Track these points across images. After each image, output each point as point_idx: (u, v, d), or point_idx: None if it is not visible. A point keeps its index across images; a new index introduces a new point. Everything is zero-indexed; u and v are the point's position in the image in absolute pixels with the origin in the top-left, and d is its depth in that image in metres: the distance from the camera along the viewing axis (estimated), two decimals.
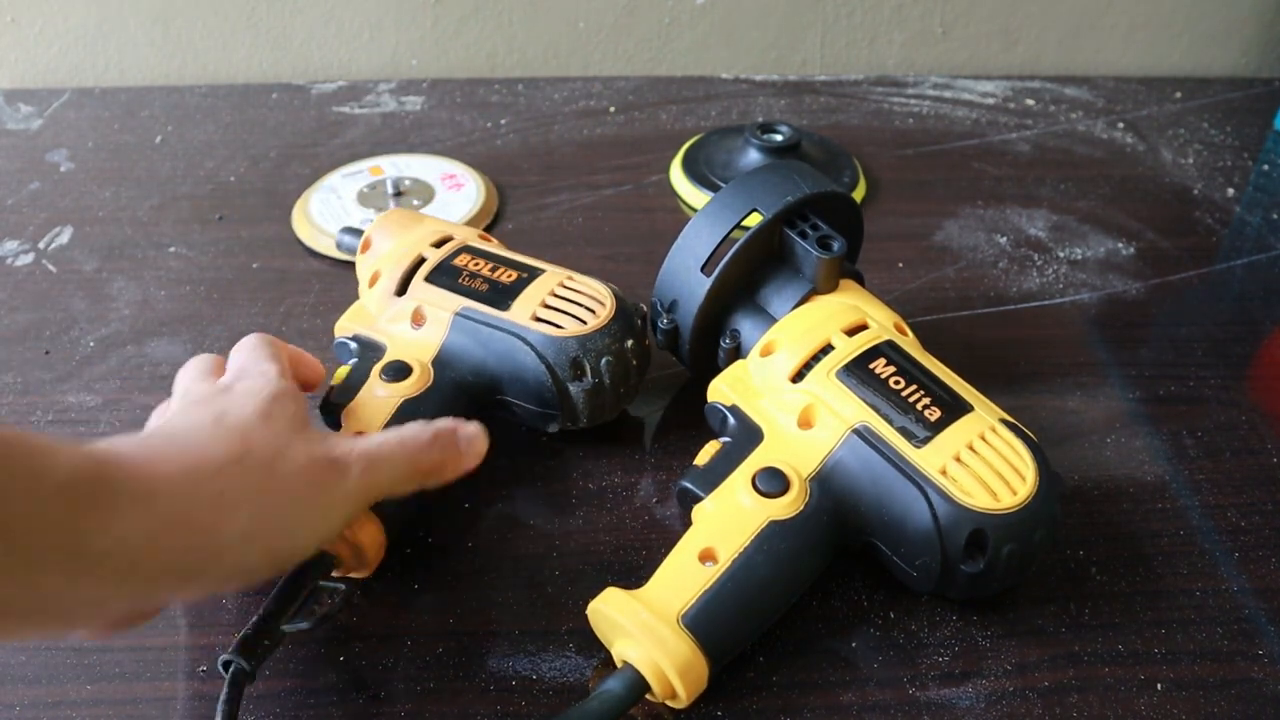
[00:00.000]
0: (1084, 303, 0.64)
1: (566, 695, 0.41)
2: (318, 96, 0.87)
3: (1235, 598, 0.45)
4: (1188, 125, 0.86)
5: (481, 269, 0.51)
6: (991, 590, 0.42)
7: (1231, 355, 0.60)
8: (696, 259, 0.49)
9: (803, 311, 0.48)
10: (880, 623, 0.44)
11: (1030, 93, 0.91)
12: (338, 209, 0.70)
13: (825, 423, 0.44)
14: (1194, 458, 0.53)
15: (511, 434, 0.52)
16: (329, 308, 0.62)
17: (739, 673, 0.41)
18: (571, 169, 0.78)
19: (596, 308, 0.49)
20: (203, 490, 0.34)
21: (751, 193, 0.49)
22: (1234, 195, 0.77)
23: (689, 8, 0.92)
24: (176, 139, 0.81)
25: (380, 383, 0.47)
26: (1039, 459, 0.42)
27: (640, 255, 0.67)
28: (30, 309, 0.62)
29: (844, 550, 0.44)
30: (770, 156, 0.72)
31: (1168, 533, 0.48)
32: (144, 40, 0.90)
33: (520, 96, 0.88)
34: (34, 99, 0.86)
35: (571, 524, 0.48)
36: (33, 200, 0.72)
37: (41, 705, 0.40)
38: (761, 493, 0.42)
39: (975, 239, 0.70)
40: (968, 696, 0.41)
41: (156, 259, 0.66)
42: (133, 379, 0.56)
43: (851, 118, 0.86)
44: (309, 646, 0.42)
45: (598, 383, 0.48)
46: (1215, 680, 0.42)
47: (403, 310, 0.50)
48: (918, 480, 0.41)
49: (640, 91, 0.90)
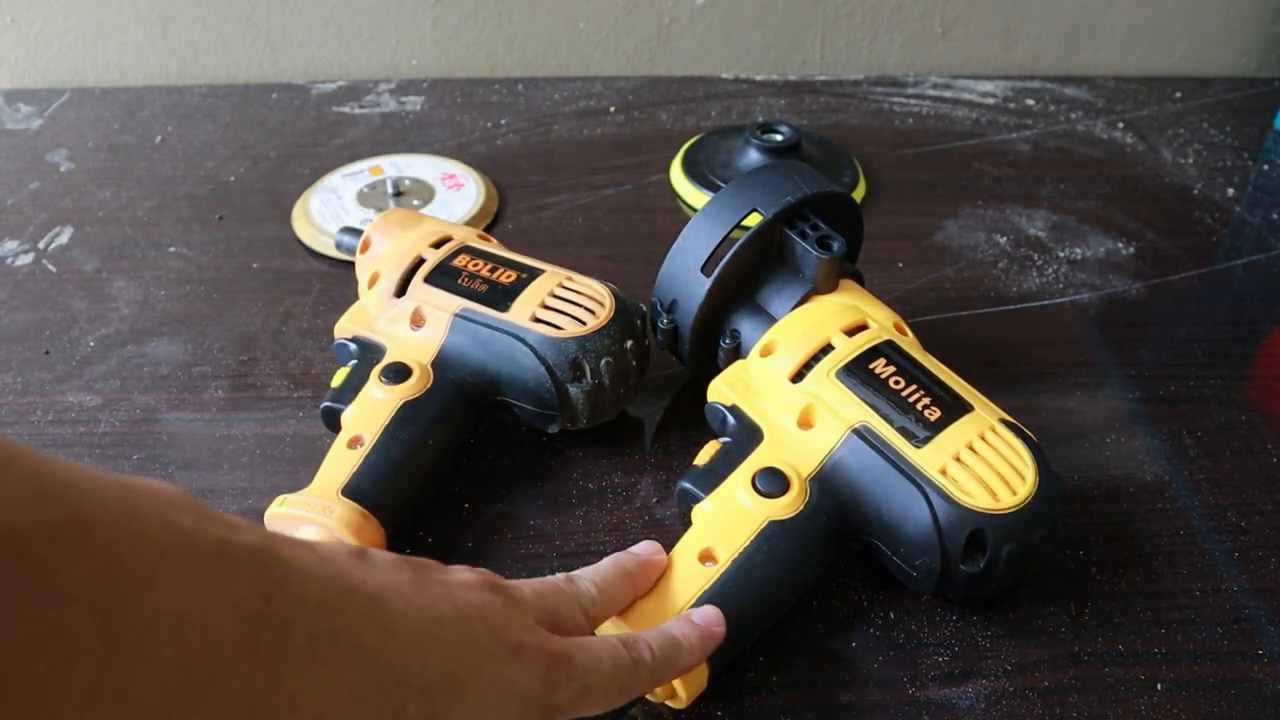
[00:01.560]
0: (1084, 303, 0.64)
1: None
2: (318, 96, 0.87)
3: (1235, 598, 0.45)
4: (1188, 125, 0.86)
5: (481, 270, 0.51)
6: (991, 590, 0.42)
7: (1231, 355, 0.60)
8: (696, 259, 0.49)
9: (803, 311, 0.48)
10: (880, 623, 0.44)
11: (1030, 93, 0.91)
12: (338, 209, 0.70)
13: (825, 423, 0.44)
14: (1194, 458, 0.53)
15: (511, 434, 0.52)
16: (329, 308, 0.62)
17: (739, 673, 0.41)
18: (571, 169, 0.78)
19: (596, 308, 0.49)
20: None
21: (751, 193, 0.49)
22: (1234, 195, 0.77)
23: (689, 8, 0.92)
24: (176, 139, 0.81)
25: (380, 385, 0.47)
26: (1039, 459, 0.42)
27: (640, 255, 0.67)
28: (30, 309, 0.62)
29: (844, 550, 0.44)
30: (770, 156, 0.72)
31: (1168, 533, 0.48)
32: (144, 40, 0.90)
33: (520, 96, 0.88)
34: (34, 99, 0.86)
35: (571, 524, 0.48)
36: (33, 200, 0.72)
37: None
38: (761, 493, 0.42)
39: (975, 239, 0.70)
40: (968, 696, 0.41)
41: (156, 259, 0.66)
42: (133, 379, 0.56)
43: (851, 118, 0.86)
44: None
45: (597, 384, 0.48)
46: (1215, 680, 0.42)
47: (402, 311, 0.50)
48: (918, 480, 0.41)
49: (640, 91, 0.90)
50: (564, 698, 0.32)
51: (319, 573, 0.27)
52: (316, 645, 0.26)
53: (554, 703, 0.32)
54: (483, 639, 0.31)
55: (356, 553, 0.31)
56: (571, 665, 0.33)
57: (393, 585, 0.30)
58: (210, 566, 0.23)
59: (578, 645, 0.34)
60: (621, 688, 0.34)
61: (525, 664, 0.31)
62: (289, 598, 0.25)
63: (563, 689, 0.32)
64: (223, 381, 0.56)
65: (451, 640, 0.30)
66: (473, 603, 0.32)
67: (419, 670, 0.28)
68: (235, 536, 0.25)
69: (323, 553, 0.29)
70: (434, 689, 0.29)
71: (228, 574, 0.24)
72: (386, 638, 0.28)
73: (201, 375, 0.57)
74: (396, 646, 0.28)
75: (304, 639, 0.25)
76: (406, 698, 0.28)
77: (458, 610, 0.31)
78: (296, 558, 0.27)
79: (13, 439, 0.22)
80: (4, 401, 0.55)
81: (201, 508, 0.25)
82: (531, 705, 0.31)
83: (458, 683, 0.29)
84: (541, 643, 0.32)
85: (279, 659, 0.24)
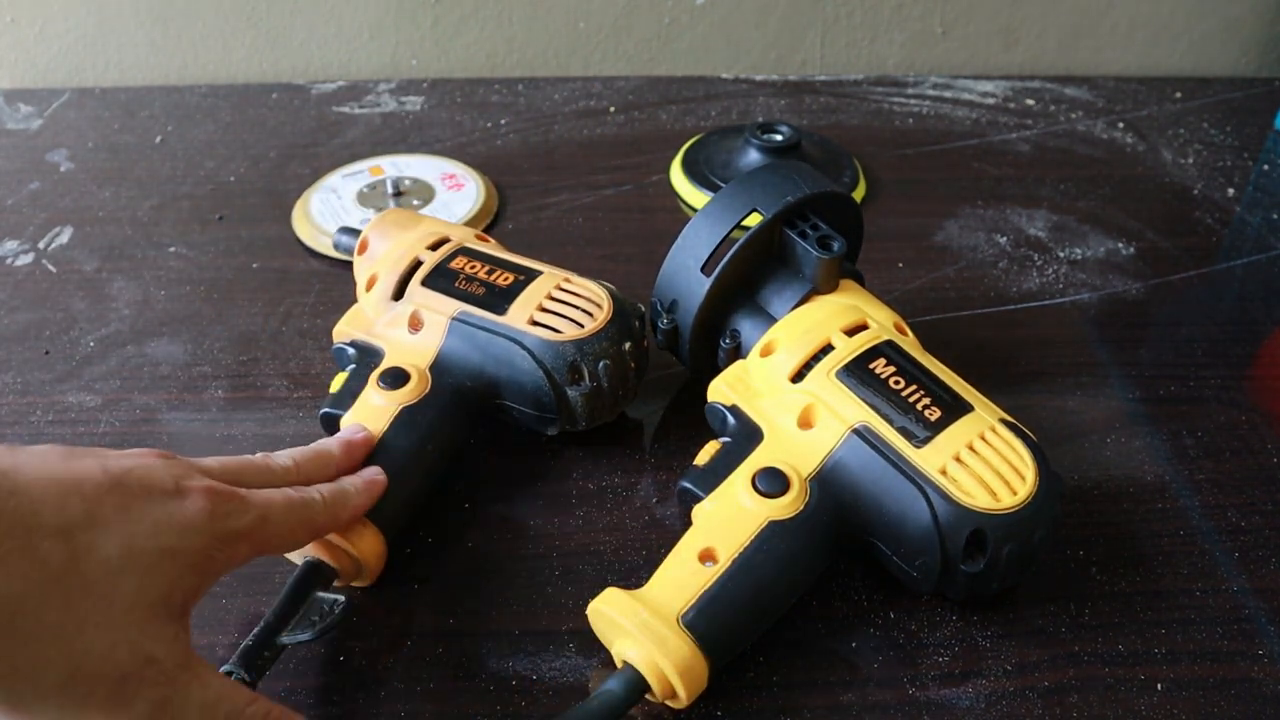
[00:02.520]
0: (1084, 303, 0.64)
1: (566, 695, 0.41)
2: (318, 96, 0.87)
3: (1235, 598, 0.45)
4: (1188, 125, 0.86)
5: (478, 272, 0.51)
6: (991, 590, 0.42)
7: (1231, 355, 0.60)
8: (696, 259, 0.49)
9: (803, 311, 0.48)
10: (880, 623, 0.44)
11: (1030, 93, 0.91)
12: (338, 209, 0.70)
13: (825, 423, 0.44)
14: (1194, 458, 0.53)
15: (510, 435, 0.52)
16: (329, 308, 0.62)
17: (739, 673, 0.41)
18: (571, 169, 0.78)
19: (594, 310, 0.49)
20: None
21: (751, 193, 0.49)
22: (1234, 195, 0.77)
23: (689, 8, 0.92)
24: (176, 139, 0.81)
25: (378, 390, 0.47)
26: (1039, 459, 0.42)
27: (640, 255, 0.67)
28: (30, 309, 0.62)
29: (844, 550, 0.44)
30: (770, 156, 0.72)
31: (1168, 533, 0.48)
32: (144, 40, 0.90)
33: (520, 96, 0.88)
34: (34, 99, 0.86)
35: (571, 524, 0.48)
36: (33, 200, 0.72)
37: None
38: (761, 493, 0.42)
39: (975, 239, 0.70)
40: (968, 696, 0.41)
41: (156, 259, 0.66)
42: (133, 379, 0.56)
43: (851, 118, 0.86)
44: (308, 647, 0.42)
45: (595, 386, 0.48)
46: (1215, 680, 0.42)
47: (400, 315, 0.50)
48: (918, 480, 0.41)
49: (640, 91, 0.90)
50: (239, 524, 0.35)
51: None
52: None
53: (227, 529, 0.34)
54: (133, 486, 0.33)
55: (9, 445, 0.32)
56: (242, 500, 0.35)
57: (35, 457, 0.32)
58: None
59: (248, 490, 0.36)
60: (302, 521, 0.38)
61: (186, 500, 0.34)
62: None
63: (235, 517, 0.35)
64: (223, 382, 0.56)
65: (94, 492, 0.32)
66: (126, 463, 0.34)
67: (53, 515, 0.30)
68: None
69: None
70: (71, 528, 0.30)
71: None
72: (11, 495, 0.29)
73: (201, 375, 0.57)
74: (24, 499, 0.30)
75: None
76: (37, 539, 0.29)
77: (107, 468, 0.33)
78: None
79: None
80: (4, 401, 0.55)
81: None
82: (197, 530, 0.33)
83: (97, 519, 0.31)
84: (205, 484, 0.35)
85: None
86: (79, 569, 0.30)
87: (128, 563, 0.31)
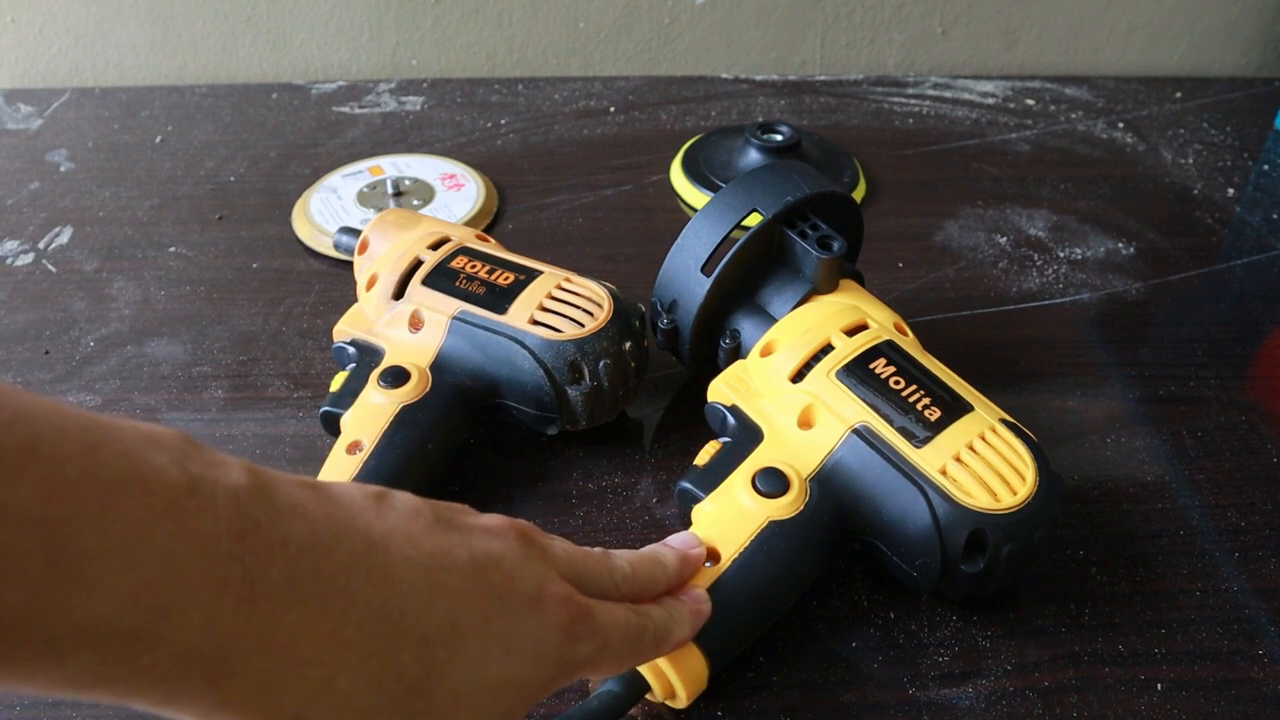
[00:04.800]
0: (1084, 303, 0.64)
1: (566, 695, 0.41)
2: (318, 96, 0.87)
3: (1235, 598, 0.45)
4: (1188, 125, 0.86)
5: (479, 271, 0.51)
6: (991, 590, 0.42)
7: (1231, 355, 0.60)
8: (696, 259, 0.49)
9: (802, 311, 0.48)
10: (880, 623, 0.44)
11: (1030, 93, 0.91)
12: (338, 209, 0.70)
13: (825, 423, 0.44)
14: (1194, 458, 0.53)
15: (511, 434, 0.52)
16: (329, 308, 0.62)
17: (739, 673, 0.41)
18: (571, 169, 0.78)
19: (594, 310, 0.49)
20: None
21: (751, 193, 0.49)
22: (1234, 195, 0.77)
23: (689, 8, 0.92)
24: (176, 139, 0.81)
25: (378, 389, 0.47)
26: (1039, 459, 0.42)
27: (640, 255, 0.67)
28: (30, 309, 0.62)
29: (844, 550, 0.44)
30: (770, 156, 0.72)
31: (1168, 533, 0.48)
32: (144, 40, 0.90)
33: (520, 96, 0.88)
34: (34, 99, 0.86)
35: (571, 524, 0.48)
36: (33, 200, 0.72)
37: (41, 706, 0.40)
38: (761, 493, 0.42)
39: (975, 239, 0.70)
40: (968, 696, 0.41)
41: (156, 259, 0.66)
42: (133, 379, 0.56)
43: (851, 118, 0.86)
44: None
45: (596, 386, 0.48)
46: (1215, 680, 0.42)
47: (400, 314, 0.50)
48: (918, 480, 0.41)
49: (640, 91, 0.90)
50: (584, 652, 0.31)
51: (313, 514, 0.26)
52: (295, 586, 0.25)
53: (573, 657, 0.31)
54: (497, 587, 0.29)
55: (375, 495, 0.30)
56: (594, 620, 0.32)
57: (402, 530, 0.29)
58: (175, 500, 0.23)
59: (597, 603, 0.33)
60: (631, 650, 0.34)
61: (545, 614, 0.30)
62: (268, 537, 0.25)
63: (584, 643, 0.31)
64: (223, 382, 0.56)
65: (459, 588, 0.28)
66: (491, 550, 0.30)
67: (417, 618, 0.27)
68: (214, 474, 0.24)
69: (331, 494, 0.28)
70: (432, 638, 0.27)
71: (196, 508, 0.23)
72: (382, 583, 0.27)
73: (201, 375, 0.57)
74: (393, 591, 0.27)
75: (281, 579, 0.24)
76: (400, 645, 0.27)
77: (472, 557, 0.30)
78: (291, 498, 0.26)
79: None
80: None
81: (190, 448, 0.25)
82: (547, 659, 0.30)
83: (460, 633, 0.28)
84: (566, 592, 0.31)
85: (250, 597, 0.24)
86: (427, 691, 0.27)
87: (473, 697, 0.28)
